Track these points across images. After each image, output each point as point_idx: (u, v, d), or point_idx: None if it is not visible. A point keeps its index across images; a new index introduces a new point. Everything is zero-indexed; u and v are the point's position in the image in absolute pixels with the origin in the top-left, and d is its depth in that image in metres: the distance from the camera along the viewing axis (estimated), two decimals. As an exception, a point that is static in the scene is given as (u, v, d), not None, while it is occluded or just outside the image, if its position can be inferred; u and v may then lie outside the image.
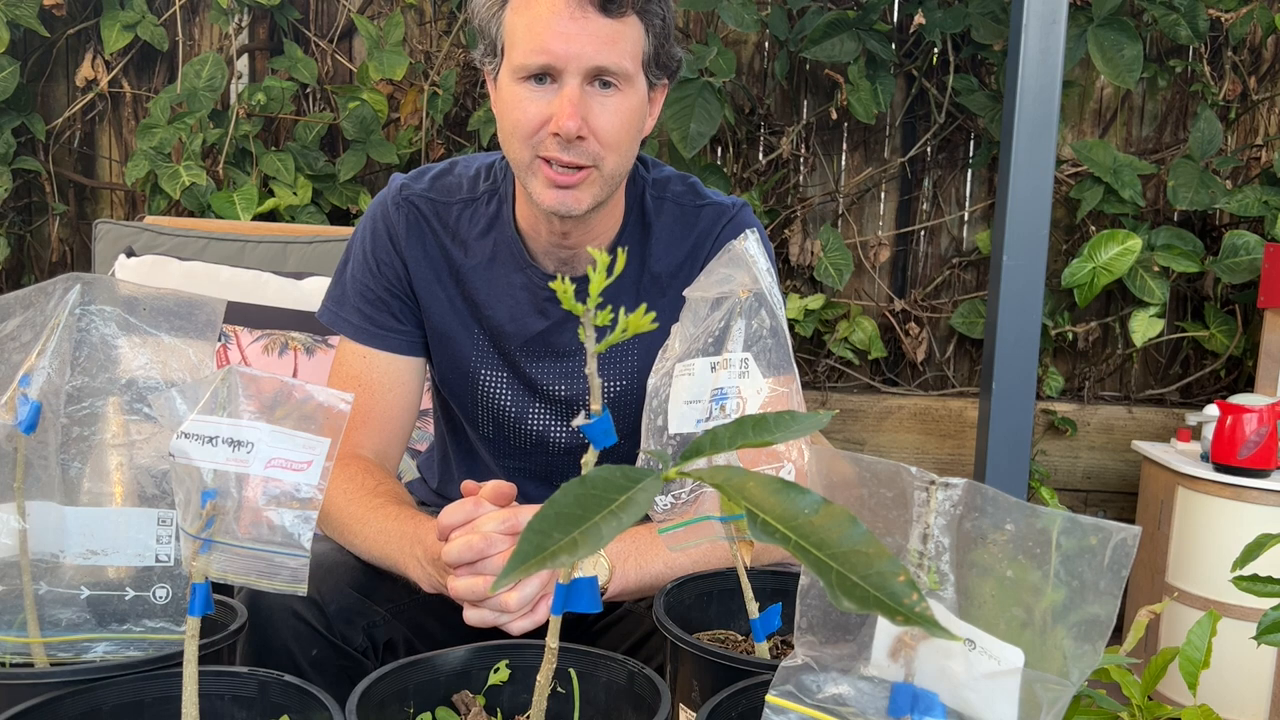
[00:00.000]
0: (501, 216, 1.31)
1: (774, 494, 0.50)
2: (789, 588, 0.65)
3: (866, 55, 2.80)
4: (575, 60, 1.13)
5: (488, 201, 1.32)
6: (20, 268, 2.98)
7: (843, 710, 0.57)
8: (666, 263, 1.31)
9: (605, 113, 1.16)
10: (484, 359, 1.33)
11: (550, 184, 1.17)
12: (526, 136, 1.16)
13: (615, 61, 1.14)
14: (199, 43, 2.90)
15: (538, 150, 1.17)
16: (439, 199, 1.32)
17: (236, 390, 0.69)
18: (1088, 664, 0.52)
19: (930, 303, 3.04)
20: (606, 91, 1.16)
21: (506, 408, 1.34)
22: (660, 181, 1.35)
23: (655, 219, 1.32)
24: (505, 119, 1.19)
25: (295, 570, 0.71)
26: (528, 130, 1.16)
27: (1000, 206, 1.88)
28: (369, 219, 1.34)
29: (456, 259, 1.31)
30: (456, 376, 1.35)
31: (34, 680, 0.75)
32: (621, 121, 1.17)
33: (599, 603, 0.66)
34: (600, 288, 0.60)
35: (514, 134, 1.18)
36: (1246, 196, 2.83)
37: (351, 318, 1.32)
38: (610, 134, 1.16)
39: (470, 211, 1.32)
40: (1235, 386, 2.99)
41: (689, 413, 0.84)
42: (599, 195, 1.20)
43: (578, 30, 1.13)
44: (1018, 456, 1.85)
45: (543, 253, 1.30)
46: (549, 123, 1.14)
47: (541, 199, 1.19)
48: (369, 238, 1.33)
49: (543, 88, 1.15)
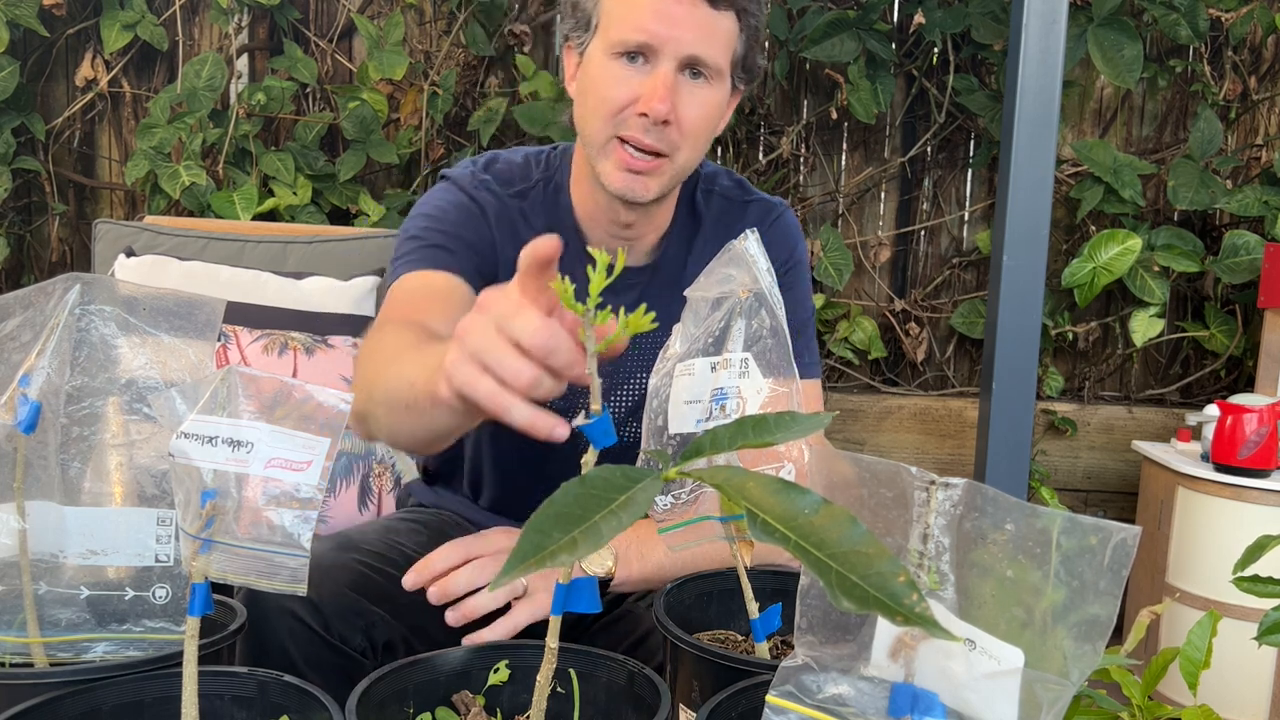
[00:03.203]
0: (560, 204, 1.29)
1: (774, 494, 0.50)
2: (789, 588, 0.65)
3: (866, 55, 2.80)
4: (674, 44, 1.12)
5: (544, 189, 1.29)
6: (20, 268, 2.98)
7: (843, 710, 0.57)
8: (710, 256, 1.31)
9: (693, 102, 1.15)
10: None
11: (623, 166, 1.16)
12: (610, 114, 1.15)
13: (711, 53, 1.14)
14: (199, 42, 2.90)
15: (617, 130, 1.15)
16: (500, 190, 1.28)
17: (236, 390, 0.69)
18: (1088, 664, 0.52)
19: (930, 303, 3.04)
20: (696, 82, 1.15)
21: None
22: (709, 176, 1.35)
23: (704, 212, 1.32)
24: (590, 94, 1.17)
25: (295, 570, 0.71)
26: (613, 108, 1.14)
27: (1000, 206, 1.87)
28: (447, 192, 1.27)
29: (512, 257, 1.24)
30: None
31: (34, 680, 0.75)
32: (705, 114, 1.17)
33: (599, 603, 0.66)
34: (600, 287, 0.60)
35: (598, 110, 1.16)
36: (1246, 196, 2.83)
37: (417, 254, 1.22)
38: (693, 125, 1.16)
39: (528, 203, 1.29)
40: (1235, 386, 2.99)
41: (689, 413, 0.84)
42: (666, 186, 1.20)
43: (682, 14, 1.12)
44: (1018, 456, 1.85)
45: (597, 240, 1.28)
46: (636, 103, 1.13)
47: (610, 181, 1.17)
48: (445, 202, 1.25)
49: (634, 67, 1.14)
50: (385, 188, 2.93)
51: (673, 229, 1.31)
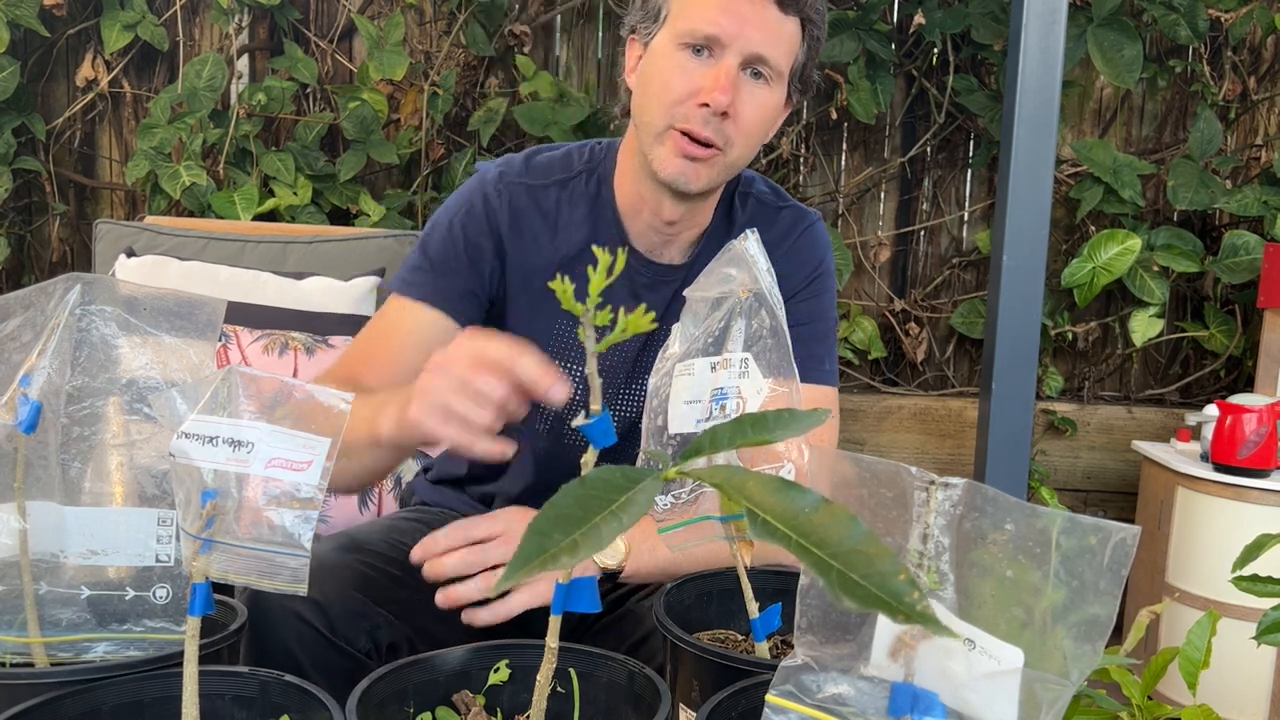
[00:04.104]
0: (601, 197, 1.30)
1: (774, 493, 0.50)
2: (789, 588, 0.65)
3: (866, 55, 2.80)
4: (741, 40, 1.16)
5: (586, 180, 1.31)
6: (20, 268, 2.98)
7: (843, 710, 0.57)
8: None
9: (752, 100, 1.18)
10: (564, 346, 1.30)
11: (678, 153, 1.18)
12: (672, 103, 1.17)
13: (775, 54, 1.18)
14: (199, 43, 2.90)
15: (676, 120, 1.18)
16: (535, 182, 1.30)
17: (236, 390, 0.69)
18: (1088, 664, 0.52)
19: (930, 303, 3.04)
20: (757, 81, 1.19)
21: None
22: (747, 179, 1.37)
23: (739, 216, 1.34)
24: (653, 81, 1.20)
25: (295, 570, 0.71)
26: (675, 97, 1.17)
27: (1000, 206, 1.87)
28: (463, 198, 1.31)
29: (558, 248, 1.29)
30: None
31: (34, 680, 0.75)
32: (762, 114, 1.20)
33: (599, 603, 0.66)
34: (600, 288, 0.60)
35: (659, 98, 1.18)
36: (1246, 196, 2.83)
37: (414, 278, 1.29)
38: (749, 122, 1.19)
39: (568, 192, 1.30)
40: (1235, 386, 2.99)
41: (689, 413, 0.84)
42: (715, 180, 1.22)
43: (751, 13, 1.16)
44: (1018, 456, 1.85)
45: (638, 235, 1.30)
46: (697, 94, 1.16)
47: (664, 167, 1.19)
48: (460, 214, 1.29)
49: (699, 60, 1.17)
50: (385, 188, 2.93)
51: (710, 229, 1.33)
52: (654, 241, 1.30)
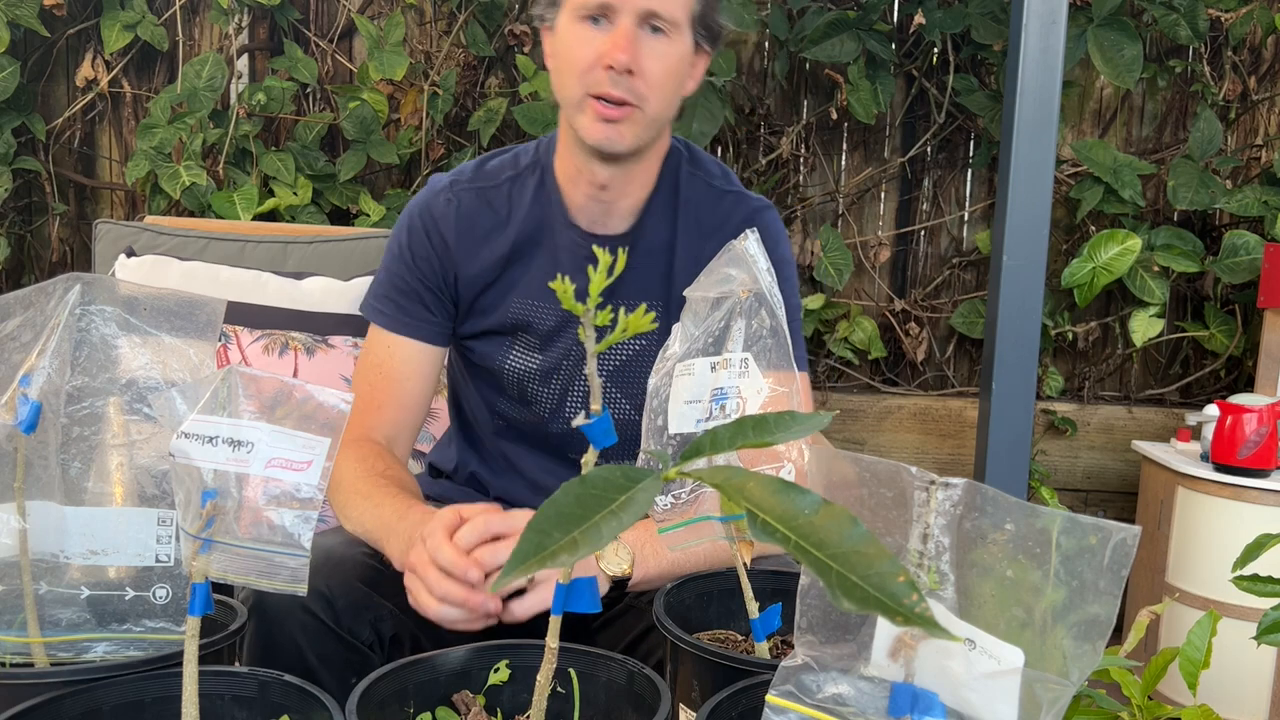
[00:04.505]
0: (545, 183, 1.37)
1: (774, 494, 0.50)
2: (789, 588, 0.65)
3: (866, 55, 2.80)
4: (630, 1, 1.22)
5: (532, 172, 1.39)
6: (20, 268, 2.98)
7: (843, 710, 0.57)
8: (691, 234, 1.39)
9: (653, 55, 1.24)
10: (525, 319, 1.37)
11: (598, 118, 1.25)
12: (581, 72, 1.24)
13: (667, 7, 1.23)
14: (199, 43, 2.90)
15: (588, 87, 1.24)
16: (487, 184, 1.38)
17: (237, 390, 0.69)
18: (1088, 664, 0.52)
19: (930, 303, 3.04)
20: (655, 36, 1.24)
21: (533, 370, 1.38)
22: (696, 158, 1.42)
23: (686, 191, 1.39)
24: (561, 58, 1.27)
25: (295, 570, 0.71)
26: (583, 66, 1.24)
27: (1000, 206, 1.87)
28: (408, 216, 1.40)
29: (511, 237, 1.37)
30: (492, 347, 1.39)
31: (34, 680, 0.75)
32: (666, 66, 1.26)
33: (599, 603, 0.66)
34: (600, 288, 0.60)
35: (569, 71, 1.26)
36: (1246, 196, 2.83)
37: (383, 307, 1.38)
38: (655, 75, 1.24)
39: (519, 186, 1.39)
40: (1235, 386, 2.98)
41: (689, 413, 0.84)
42: (640, 136, 1.28)
43: None
44: (1018, 456, 1.85)
45: (578, 209, 1.36)
46: (602, 58, 1.22)
47: (588, 134, 1.26)
48: (406, 233, 1.38)
49: (598, 28, 1.24)
50: (385, 188, 2.93)
51: (654, 199, 1.37)
52: (595, 213, 1.36)
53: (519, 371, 1.38)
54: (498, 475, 1.45)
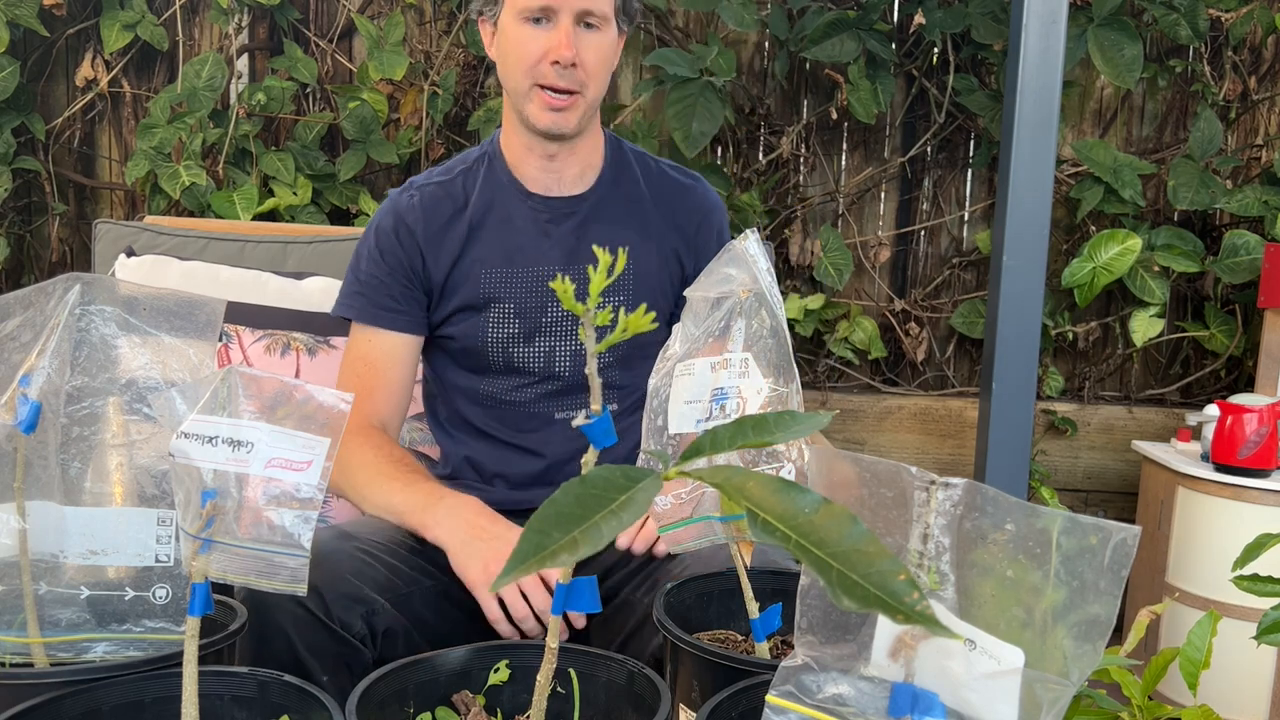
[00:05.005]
0: (494, 166, 1.52)
1: (774, 494, 0.50)
2: (789, 588, 0.65)
3: (866, 55, 2.80)
4: (569, 3, 1.37)
5: (482, 161, 1.54)
6: (20, 268, 2.98)
7: (843, 710, 0.57)
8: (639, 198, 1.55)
9: (590, 47, 1.40)
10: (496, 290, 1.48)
11: (546, 107, 1.41)
12: (529, 67, 1.39)
13: (598, 5, 1.40)
14: (199, 42, 2.90)
15: (536, 79, 1.40)
16: (444, 179, 1.52)
17: (236, 390, 0.69)
18: (1088, 664, 0.52)
19: (930, 303, 3.04)
20: (590, 30, 1.40)
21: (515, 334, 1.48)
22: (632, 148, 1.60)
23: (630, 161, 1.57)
24: (509, 55, 1.42)
25: (295, 570, 0.71)
26: (529, 62, 1.39)
27: (1000, 206, 1.87)
28: (376, 218, 1.52)
29: (469, 218, 1.49)
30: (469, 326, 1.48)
31: (34, 680, 0.75)
32: (602, 55, 1.42)
33: (599, 603, 0.66)
34: (600, 287, 0.60)
35: (517, 66, 1.41)
36: (1246, 196, 2.83)
37: (359, 304, 1.49)
38: (594, 64, 1.41)
39: (471, 175, 1.53)
40: (1235, 386, 2.98)
41: (689, 413, 0.84)
42: (583, 118, 1.44)
43: None
44: (1018, 456, 1.85)
45: (531, 179, 1.50)
46: (547, 55, 1.38)
47: (538, 120, 1.42)
48: (374, 232, 1.51)
49: (540, 27, 1.39)
50: (385, 188, 2.93)
51: (605, 166, 1.53)
52: (547, 182, 1.50)
53: (501, 340, 1.47)
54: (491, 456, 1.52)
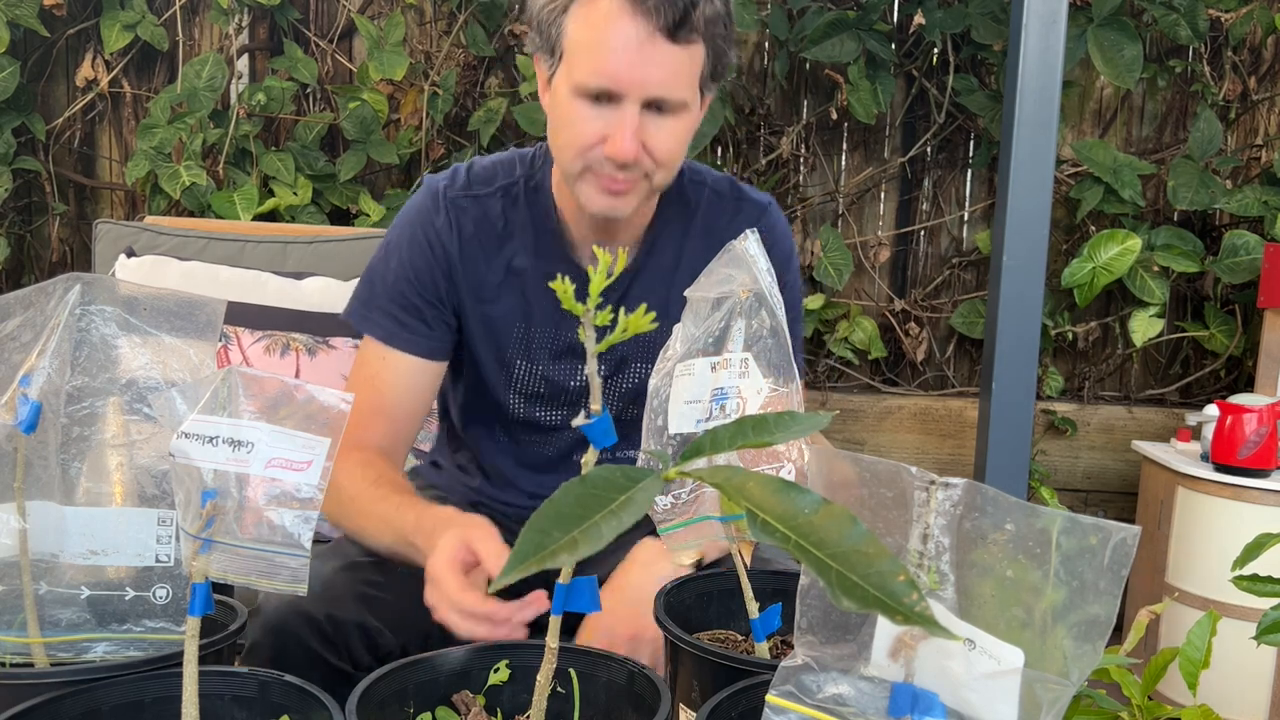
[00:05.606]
0: (541, 207, 1.31)
1: (774, 494, 0.50)
2: (789, 588, 0.65)
3: (866, 55, 2.80)
4: (638, 88, 1.12)
5: (526, 185, 1.32)
6: (20, 268, 2.98)
7: (843, 710, 0.57)
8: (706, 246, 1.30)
9: (661, 134, 1.16)
10: (522, 351, 1.34)
11: (601, 190, 1.19)
12: (582, 149, 1.17)
13: (675, 90, 1.14)
14: (199, 43, 2.90)
15: (590, 164, 1.18)
16: (480, 192, 1.31)
17: (237, 390, 0.69)
18: (1088, 664, 0.52)
19: (930, 303, 3.04)
20: (664, 116, 1.16)
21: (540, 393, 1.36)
22: (695, 169, 1.37)
23: (694, 206, 1.34)
24: (561, 130, 1.19)
25: (295, 570, 0.71)
26: (583, 146, 1.17)
27: (1000, 206, 1.87)
28: (409, 225, 1.32)
29: (505, 257, 1.31)
30: (493, 364, 1.35)
31: (34, 680, 0.75)
32: (677, 143, 1.19)
33: (599, 603, 0.66)
34: (600, 288, 0.60)
35: (569, 146, 1.18)
36: (1246, 196, 2.83)
37: (380, 320, 1.31)
38: (664, 154, 1.18)
39: (511, 200, 1.31)
40: (1235, 386, 2.98)
41: (689, 413, 0.84)
42: (644, 200, 1.24)
43: (643, 60, 1.11)
44: (1018, 456, 1.85)
45: (581, 238, 1.31)
46: (604, 142, 1.15)
47: (590, 203, 1.20)
48: (406, 246, 1.31)
49: (600, 107, 1.15)
50: (385, 188, 2.93)
51: (658, 223, 1.32)
52: (596, 241, 1.30)
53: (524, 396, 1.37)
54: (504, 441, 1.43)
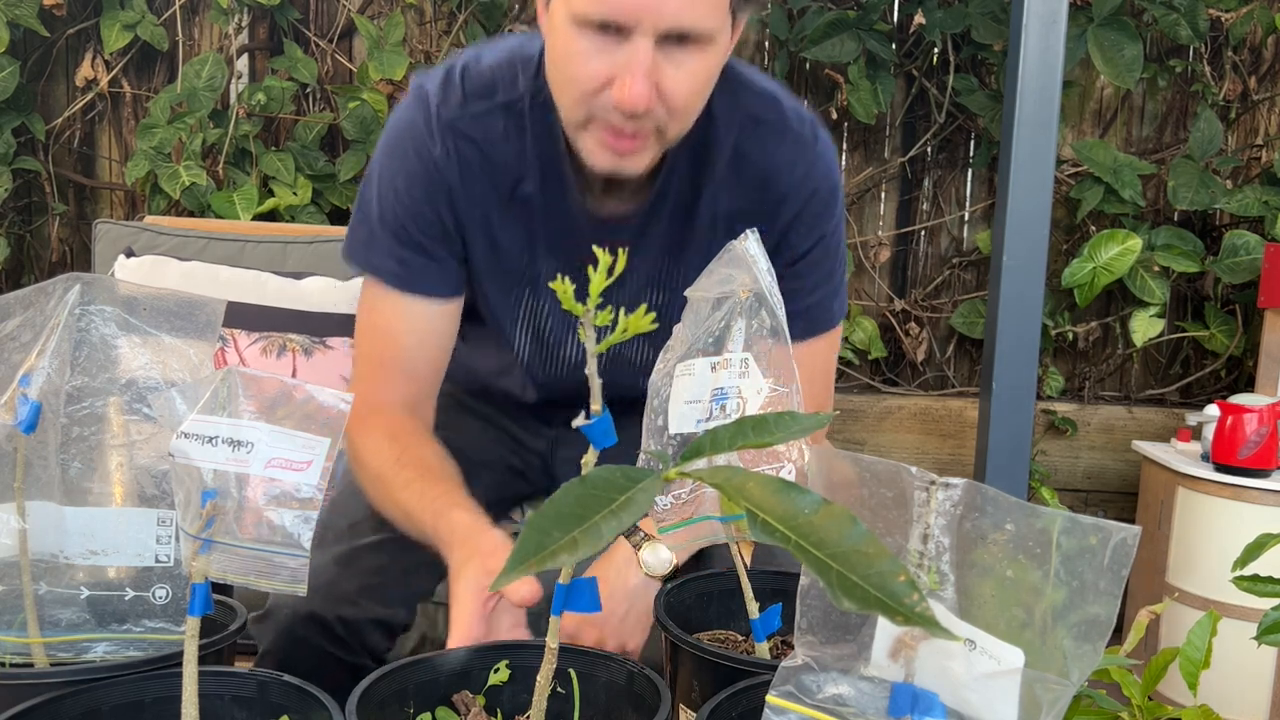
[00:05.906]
0: (551, 134, 1.10)
1: (774, 494, 0.50)
2: (789, 588, 0.65)
3: (866, 55, 2.80)
4: (652, 18, 0.91)
5: (531, 103, 1.10)
6: (20, 268, 2.98)
7: (843, 710, 0.57)
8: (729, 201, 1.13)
9: (680, 75, 0.95)
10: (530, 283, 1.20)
11: (604, 146, 1.00)
12: (583, 95, 0.97)
13: (702, 21, 0.93)
14: (199, 43, 2.90)
15: (593, 112, 0.98)
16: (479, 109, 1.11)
17: (236, 390, 0.69)
18: (1088, 664, 0.52)
19: (930, 303, 3.04)
20: (685, 49, 0.94)
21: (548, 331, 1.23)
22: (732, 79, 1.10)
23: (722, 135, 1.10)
24: (558, 67, 0.99)
25: (295, 570, 0.71)
26: (585, 90, 0.96)
27: (1000, 206, 1.87)
28: (402, 152, 1.12)
29: (508, 185, 1.13)
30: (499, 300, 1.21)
31: (34, 680, 0.75)
32: (698, 85, 0.98)
33: (599, 603, 0.66)
34: (600, 288, 0.59)
35: (570, 86, 0.98)
36: (1246, 196, 2.83)
37: (385, 262, 1.13)
38: (682, 99, 0.97)
39: (516, 120, 1.10)
40: (1235, 386, 2.98)
41: (689, 413, 0.84)
42: (657, 155, 1.04)
43: None
44: (1018, 456, 1.85)
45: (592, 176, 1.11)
46: (611, 85, 0.94)
47: (594, 160, 1.02)
48: (402, 176, 1.12)
49: (606, 39, 0.93)
50: (385, 188, 2.93)
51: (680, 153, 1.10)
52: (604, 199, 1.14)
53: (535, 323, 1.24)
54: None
